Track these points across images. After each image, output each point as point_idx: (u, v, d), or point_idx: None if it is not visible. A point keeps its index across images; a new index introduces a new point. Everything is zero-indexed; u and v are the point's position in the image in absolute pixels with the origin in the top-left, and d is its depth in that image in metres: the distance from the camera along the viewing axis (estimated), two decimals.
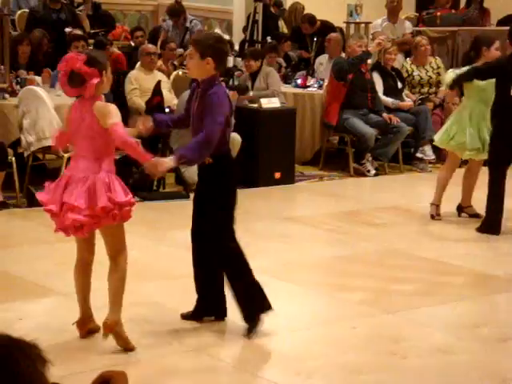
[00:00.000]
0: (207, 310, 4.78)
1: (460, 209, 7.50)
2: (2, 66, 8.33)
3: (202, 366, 4.27)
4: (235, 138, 8.21)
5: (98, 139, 4.27)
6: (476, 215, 7.32)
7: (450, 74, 7.22)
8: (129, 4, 15.78)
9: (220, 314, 4.77)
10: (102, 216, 4.19)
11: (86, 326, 4.49)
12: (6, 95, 7.91)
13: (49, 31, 9.75)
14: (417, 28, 11.90)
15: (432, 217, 7.33)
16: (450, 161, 7.40)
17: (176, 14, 11.79)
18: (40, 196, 4.36)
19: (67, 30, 10.19)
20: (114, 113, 4.23)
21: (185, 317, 4.77)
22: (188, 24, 11.83)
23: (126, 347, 4.32)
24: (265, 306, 4.59)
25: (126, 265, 4.37)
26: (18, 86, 8.10)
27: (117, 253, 4.34)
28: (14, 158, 7.33)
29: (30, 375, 1.23)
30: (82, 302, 4.50)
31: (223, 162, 4.54)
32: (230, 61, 8.72)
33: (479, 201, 7.18)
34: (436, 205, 7.33)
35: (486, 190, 6.91)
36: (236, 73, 9.84)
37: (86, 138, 4.29)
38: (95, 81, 4.20)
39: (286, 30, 12.48)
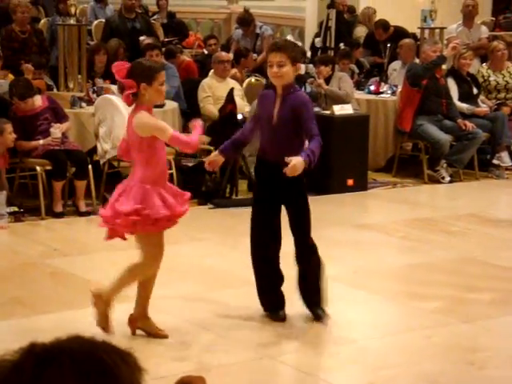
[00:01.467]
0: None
1: None
2: (80, 76, 8.49)
3: (271, 372, 4.26)
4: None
5: (137, 148, 4.35)
6: None
7: None
8: (202, 12, 15.94)
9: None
10: (113, 223, 4.31)
11: (137, 324, 4.60)
12: (83, 104, 8.06)
13: (124, 40, 9.90)
14: (493, 33, 11.70)
15: None
16: None
17: (246, 23, 11.85)
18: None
19: (141, 38, 10.33)
20: (162, 128, 4.28)
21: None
22: (258, 30, 11.87)
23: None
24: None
25: (135, 274, 4.48)
26: (95, 95, 8.24)
27: (143, 259, 4.44)
28: (90, 166, 7.46)
29: (131, 380, 1.25)
30: (138, 300, 4.61)
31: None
32: (302, 68, 8.71)
33: None
34: None
35: None
36: (309, 80, 9.83)
37: (132, 147, 4.40)
38: (128, 92, 4.27)
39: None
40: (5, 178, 7.15)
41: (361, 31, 12.34)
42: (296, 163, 4.34)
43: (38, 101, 7.46)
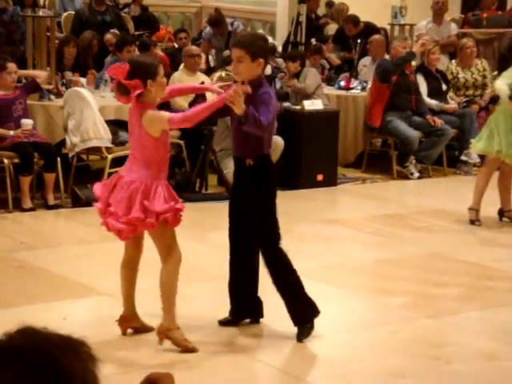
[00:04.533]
0: (244, 312, 4.79)
1: (501, 213, 7.41)
2: (48, 68, 8.43)
3: (244, 369, 4.27)
4: (278, 140, 8.20)
5: (148, 147, 4.31)
6: None
7: (502, 86, 7.11)
8: (172, 6, 15.88)
9: (256, 316, 4.78)
10: (138, 224, 4.25)
11: (129, 324, 4.53)
12: (52, 96, 7.99)
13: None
14: (462, 30, 11.77)
15: (472, 222, 7.25)
16: (488, 165, 7.31)
17: (218, 24, 11.84)
18: (96, 189, 4.43)
19: (111, 31, 10.26)
20: (160, 117, 4.25)
21: (223, 323, 4.76)
22: (230, 27, 11.86)
23: (186, 350, 4.33)
24: (315, 310, 4.61)
25: (174, 267, 4.39)
26: (64, 88, 8.18)
27: (165, 255, 4.40)
28: (59, 159, 7.41)
29: (83, 374, 1.23)
30: (126, 299, 4.54)
31: (264, 164, 4.53)
32: (268, 69, 8.66)
33: None
34: (475, 210, 7.25)
35: None
36: (279, 75, 9.83)
37: (138, 144, 4.35)
38: (136, 93, 4.22)
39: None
40: None
41: (332, 28, 12.36)
42: (237, 93, 4.16)
43: (12, 78, 7.33)
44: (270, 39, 11.06)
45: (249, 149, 4.49)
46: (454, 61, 10.50)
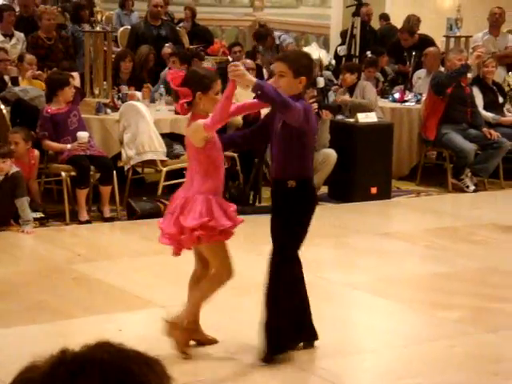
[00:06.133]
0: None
1: None
2: (105, 82, 8.55)
3: (298, 382, 4.25)
4: (331, 153, 8.19)
5: (196, 159, 4.31)
6: None
7: None
8: (227, 20, 15.99)
9: (311, 337, 4.56)
10: (176, 239, 4.27)
11: (191, 336, 4.52)
12: (108, 110, 8.10)
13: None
14: None
15: None
16: None
17: (262, 37, 11.86)
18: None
19: (166, 46, 10.37)
20: (198, 124, 4.22)
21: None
22: (278, 41, 11.88)
23: (180, 352, 4.36)
24: (292, 341, 4.45)
25: (211, 285, 4.37)
26: (120, 101, 8.29)
27: (214, 270, 4.40)
28: (114, 172, 7.50)
29: None
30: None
31: (305, 188, 4.41)
32: (321, 81, 8.62)
33: None
34: None
35: None
36: (333, 87, 9.82)
37: (188, 156, 4.37)
38: (182, 101, 4.22)
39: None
40: (25, 185, 7.16)
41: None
42: (236, 65, 4.16)
43: (72, 92, 7.47)
44: (324, 52, 11.06)
45: (291, 170, 4.37)
46: (510, 73, 10.37)
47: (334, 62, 11.61)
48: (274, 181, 4.57)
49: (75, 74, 8.42)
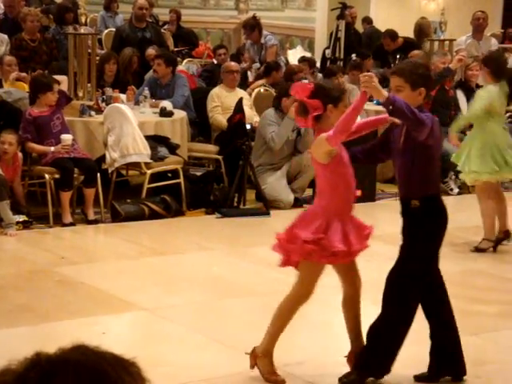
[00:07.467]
0: (442, 368, 4.31)
1: None
2: (89, 84, 8.53)
3: None
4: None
5: (318, 176, 4.21)
6: None
7: None
8: (212, 22, 16.00)
9: (458, 372, 4.29)
10: (285, 248, 4.14)
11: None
12: (92, 112, 8.08)
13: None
14: (503, 45, 11.70)
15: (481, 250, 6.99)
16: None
17: (250, 28, 11.76)
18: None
19: (149, 49, 10.35)
20: (321, 137, 4.05)
21: (419, 378, 4.32)
22: (263, 40, 11.86)
23: (267, 380, 4.18)
24: (380, 371, 4.24)
25: (290, 304, 4.18)
26: (104, 104, 8.27)
27: (296, 286, 4.20)
28: (98, 174, 7.48)
29: None
30: (348, 335, 4.38)
31: (432, 206, 4.25)
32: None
33: None
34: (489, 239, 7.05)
35: None
36: None
37: (316, 173, 4.28)
38: (314, 114, 4.07)
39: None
40: (7, 187, 7.11)
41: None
42: (369, 76, 3.98)
43: (55, 97, 7.44)
44: (309, 55, 11.09)
45: (414, 188, 4.22)
46: None
47: (318, 64, 11.64)
48: (400, 200, 4.41)
49: (63, 78, 8.38)
